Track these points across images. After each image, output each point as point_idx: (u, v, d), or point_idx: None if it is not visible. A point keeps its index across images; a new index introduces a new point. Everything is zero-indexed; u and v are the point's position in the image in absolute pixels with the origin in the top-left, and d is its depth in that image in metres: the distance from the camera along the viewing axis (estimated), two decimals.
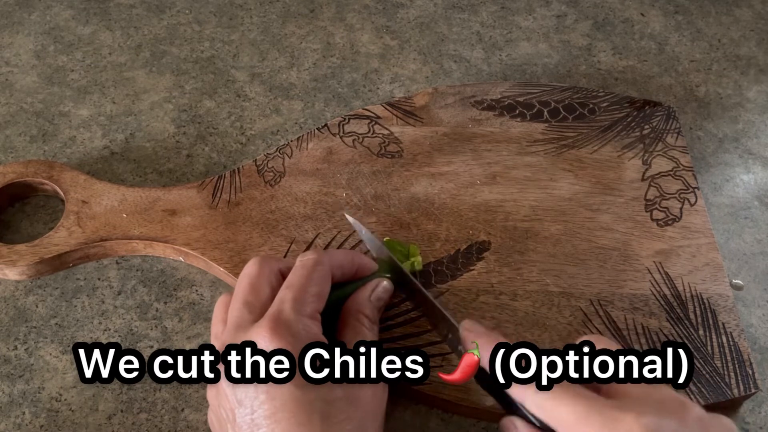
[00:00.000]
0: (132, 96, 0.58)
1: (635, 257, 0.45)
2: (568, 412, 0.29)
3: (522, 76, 0.61)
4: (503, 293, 0.43)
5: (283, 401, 0.31)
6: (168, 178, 0.52)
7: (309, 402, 0.31)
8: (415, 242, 0.46)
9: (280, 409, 0.31)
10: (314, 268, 0.36)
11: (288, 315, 0.33)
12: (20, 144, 0.54)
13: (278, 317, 0.33)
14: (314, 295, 0.35)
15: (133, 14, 0.65)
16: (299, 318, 0.33)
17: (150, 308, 0.45)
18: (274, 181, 0.49)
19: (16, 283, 0.46)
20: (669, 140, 0.52)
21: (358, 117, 0.53)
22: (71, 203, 0.47)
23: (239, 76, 0.60)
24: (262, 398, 0.31)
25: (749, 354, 0.41)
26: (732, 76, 0.61)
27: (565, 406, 0.29)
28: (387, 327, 0.42)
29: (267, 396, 0.31)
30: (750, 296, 0.47)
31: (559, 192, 0.49)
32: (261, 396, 0.31)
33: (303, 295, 0.34)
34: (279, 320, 0.33)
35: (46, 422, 0.40)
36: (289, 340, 0.32)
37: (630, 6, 0.68)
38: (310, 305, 0.34)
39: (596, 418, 0.28)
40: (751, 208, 0.52)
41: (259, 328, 0.33)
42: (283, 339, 0.32)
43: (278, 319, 0.33)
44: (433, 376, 0.39)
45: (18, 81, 0.58)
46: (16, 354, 0.43)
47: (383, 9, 0.66)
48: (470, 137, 0.52)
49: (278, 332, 0.32)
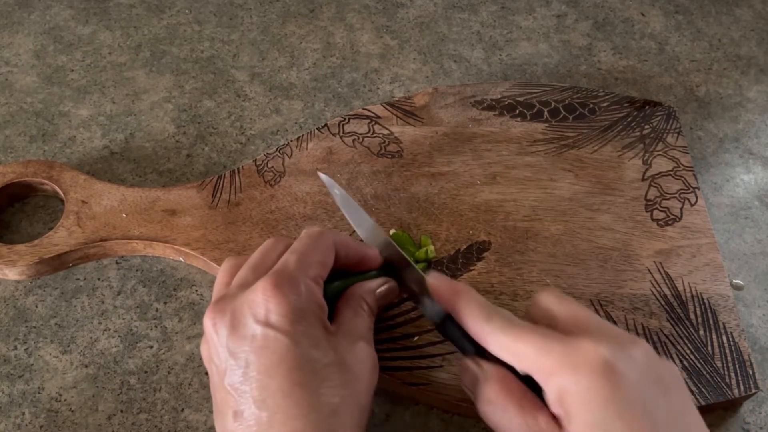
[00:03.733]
0: (132, 96, 0.58)
1: (635, 257, 0.45)
2: (527, 345, 0.30)
3: (522, 76, 0.61)
4: (503, 293, 0.43)
5: (281, 356, 0.30)
6: (168, 178, 0.52)
7: (307, 361, 0.31)
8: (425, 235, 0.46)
9: (276, 364, 0.30)
10: (319, 238, 0.36)
11: (292, 272, 0.33)
12: (20, 144, 0.54)
13: (282, 272, 0.33)
14: (318, 261, 0.35)
15: (132, 14, 0.65)
16: (303, 277, 0.33)
17: (150, 308, 0.45)
18: (274, 181, 0.49)
19: (16, 283, 0.46)
20: (669, 140, 0.52)
21: (358, 117, 0.53)
22: (71, 203, 0.47)
23: (239, 76, 0.60)
24: (259, 351, 0.31)
25: (749, 354, 0.41)
26: (732, 76, 0.61)
27: (525, 341, 0.30)
28: (387, 327, 0.42)
29: (263, 349, 0.31)
30: (750, 296, 0.47)
31: (559, 192, 0.49)
32: (257, 349, 0.31)
33: (307, 258, 0.34)
34: (282, 275, 0.32)
35: (46, 422, 0.40)
36: (291, 297, 0.32)
37: (630, 6, 0.68)
38: (313, 269, 0.34)
39: (555, 347, 0.29)
40: (751, 208, 0.52)
41: (262, 281, 0.32)
42: (285, 293, 0.32)
43: (282, 273, 0.33)
44: (433, 376, 0.39)
45: (18, 81, 0.58)
46: (16, 354, 0.43)
47: (383, 9, 0.66)
48: (470, 137, 0.52)
49: (281, 286, 0.32)
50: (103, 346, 0.43)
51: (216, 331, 0.32)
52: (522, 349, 0.30)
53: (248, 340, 0.31)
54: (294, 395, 0.30)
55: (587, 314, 0.32)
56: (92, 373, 0.42)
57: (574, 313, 0.32)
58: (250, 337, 0.31)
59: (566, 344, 0.29)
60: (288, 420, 0.30)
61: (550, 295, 0.33)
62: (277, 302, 0.31)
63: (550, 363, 0.29)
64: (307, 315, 0.32)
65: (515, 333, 0.31)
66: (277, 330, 0.31)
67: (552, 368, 0.29)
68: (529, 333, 0.31)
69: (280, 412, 0.30)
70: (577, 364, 0.28)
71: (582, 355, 0.28)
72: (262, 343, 0.31)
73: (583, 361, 0.28)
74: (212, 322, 0.32)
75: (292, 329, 0.31)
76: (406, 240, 0.45)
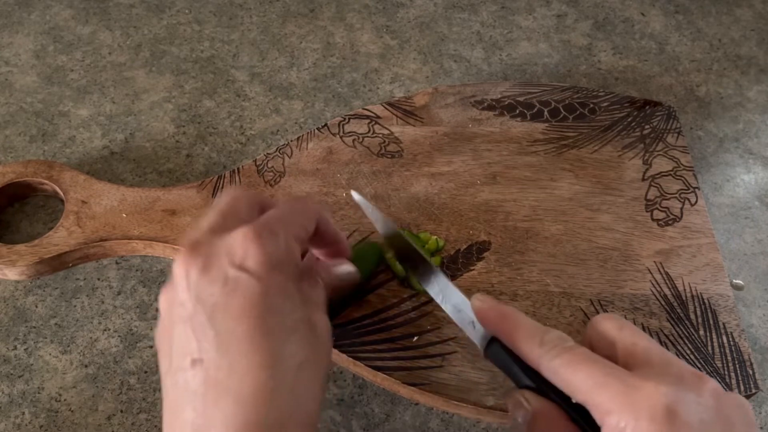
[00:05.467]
0: (132, 96, 0.58)
1: (636, 257, 0.45)
2: (585, 377, 0.28)
3: (522, 76, 0.61)
4: (504, 293, 0.43)
5: (252, 301, 0.29)
6: (168, 178, 0.52)
7: (278, 311, 0.30)
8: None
9: (246, 308, 0.29)
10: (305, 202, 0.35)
11: (273, 225, 0.32)
12: (20, 144, 0.54)
13: (264, 223, 0.32)
14: (300, 223, 0.34)
15: (132, 14, 0.65)
16: (283, 232, 0.32)
17: (150, 308, 0.45)
18: (274, 181, 0.49)
19: (16, 283, 0.46)
20: (669, 140, 0.52)
21: (358, 117, 0.53)
22: (71, 203, 0.47)
23: (239, 75, 0.59)
24: (229, 294, 0.29)
25: (750, 354, 0.41)
26: (732, 76, 0.61)
27: (582, 372, 0.28)
28: (387, 327, 0.42)
29: (234, 292, 0.29)
30: (750, 296, 0.47)
31: (559, 192, 0.49)
32: (228, 291, 0.29)
33: (290, 217, 0.33)
34: (264, 226, 0.31)
35: (46, 422, 0.40)
36: (270, 247, 0.30)
37: (630, 6, 0.68)
38: (295, 228, 0.33)
39: (615, 383, 0.28)
40: (751, 208, 0.52)
41: (243, 228, 0.31)
42: (264, 242, 0.30)
43: (264, 224, 0.31)
44: (433, 376, 0.39)
45: (18, 81, 0.58)
46: (16, 354, 0.43)
47: (383, 9, 0.66)
48: (470, 137, 0.52)
49: (261, 235, 0.31)
50: (103, 346, 0.43)
51: (186, 274, 0.30)
52: (578, 379, 0.28)
53: (219, 282, 0.30)
54: (261, 343, 0.29)
55: (649, 345, 0.30)
56: (92, 373, 0.42)
57: (635, 343, 0.30)
58: (222, 279, 0.30)
59: (626, 383, 0.27)
60: (251, 369, 0.28)
61: (610, 320, 0.31)
62: (255, 248, 0.30)
63: (608, 400, 0.27)
64: (283, 267, 0.31)
65: (571, 360, 0.29)
66: (251, 275, 0.30)
67: (610, 407, 0.27)
68: (586, 362, 0.29)
69: (243, 359, 0.28)
70: (637, 407, 0.27)
71: (643, 397, 0.27)
72: (233, 286, 0.29)
73: (644, 404, 0.27)
74: (184, 266, 0.30)
75: (267, 276, 0.30)
76: (410, 236, 0.45)
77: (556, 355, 0.30)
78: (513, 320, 0.32)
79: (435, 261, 0.44)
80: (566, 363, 0.29)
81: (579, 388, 0.29)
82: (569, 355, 0.29)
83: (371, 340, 0.41)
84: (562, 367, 0.29)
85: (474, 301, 0.34)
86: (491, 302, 0.34)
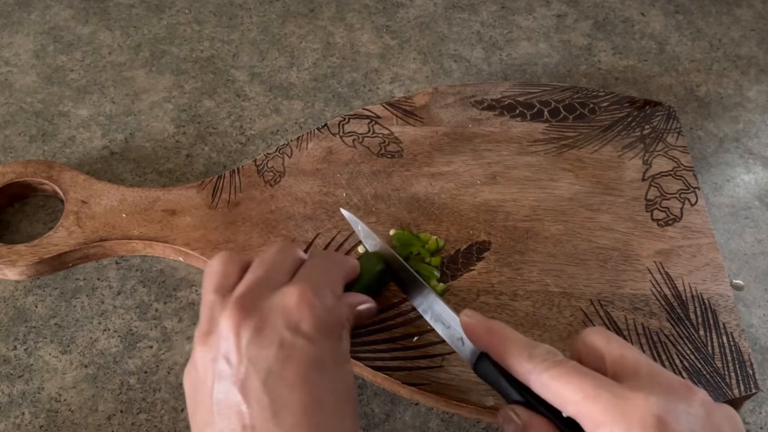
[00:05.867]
0: (132, 96, 0.58)
1: (636, 257, 0.45)
2: (575, 390, 0.28)
3: (522, 76, 0.61)
4: (503, 293, 0.43)
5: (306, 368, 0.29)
6: (168, 178, 0.52)
7: (330, 379, 0.30)
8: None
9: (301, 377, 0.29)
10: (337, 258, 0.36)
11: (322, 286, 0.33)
12: (20, 144, 0.54)
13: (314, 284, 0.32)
14: (338, 280, 0.35)
15: (132, 14, 0.65)
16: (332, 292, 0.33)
17: (150, 308, 0.45)
18: (273, 181, 0.49)
19: (16, 283, 0.46)
20: (669, 140, 0.52)
21: (358, 117, 0.53)
22: (71, 203, 0.47)
23: (239, 75, 0.59)
24: (285, 360, 0.29)
25: (750, 354, 0.41)
26: (732, 76, 0.61)
27: (572, 385, 0.28)
28: (387, 327, 0.42)
29: (290, 359, 0.29)
30: (750, 296, 0.47)
31: (559, 192, 0.49)
32: (284, 357, 0.29)
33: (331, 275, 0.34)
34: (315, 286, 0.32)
35: (46, 422, 0.40)
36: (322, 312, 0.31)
37: (630, 6, 0.68)
38: (337, 286, 0.34)
39: (605, 395, 0.28)
40: (751, 208, 0.52)
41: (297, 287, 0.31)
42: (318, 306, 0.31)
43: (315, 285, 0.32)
44: (433, 376, 0.39)
45: (17, 81, 0.58)
46: (16, 354, 0.43)
47: (383, 9, 0.66)
48: (470, 137, 0.52)
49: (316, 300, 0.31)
50: (103, 346, 0.43)
51: (237, 332, 0.30)
52: (568, 392, 0.29)
53: (275, 346, 0.29)
54: (315, 415, 0.29)
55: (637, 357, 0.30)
56: (92, 373, 0.42)
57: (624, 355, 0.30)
58: (278, 343, 0.29)
59: (616, 394, 0.27)
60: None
61: (598, 333, 0.31)
62: (310, 311, 0.30)
63: (598, 412, 0.28)
64: (333, 329, 0.32)
65: (560, 373, 0.29)
66: (306, 339, 0.30)
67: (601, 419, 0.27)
68: (575, 375, 0.29)
69: (297, 431, 0.28)
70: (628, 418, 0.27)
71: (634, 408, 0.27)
72: (289, 351, 0.29)
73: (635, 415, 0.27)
74: (234, 322, 0.30)
75: (321, 341, 0.30)
76: (409, 237, 0.45)
77: (546, 369, 0.29)
78: (501, 335, 0.32)
79: (435, 261, 0.44)
80: (556, 376, 0.29)
81: (569, 401, 0.29)
82: (559, 368, 0.29)
83: (371, 340, 0.41)
84: (552, 381, 0.29)
85: (462, 316, 0.34)
86: (479, 317, 0.34)
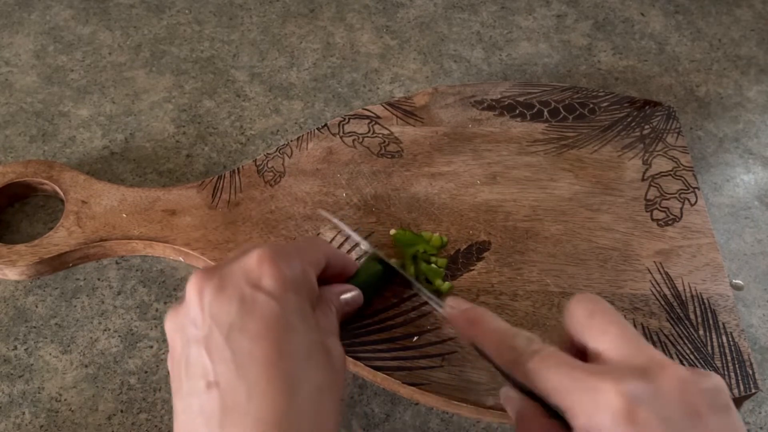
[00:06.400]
0: (132, 96, 0.58)
1: (635, 257, 0.45)
2: (551, 379, 0.29)
3: (522, 76, 0.61)
4: (503, 293, 0.43)
5: (269, 322, 0.29)
6: (168, 178, 0.52)
7: (296, 332, 0.29)
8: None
9: (264, 329, 0.28)
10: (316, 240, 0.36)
11: (289, 251, 0.32)
12: (20, 144, 0.54)
13: (279, 248, 0.32)
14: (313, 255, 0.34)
15: (132, 14, 0.65)
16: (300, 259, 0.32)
17: (150, 308, 0.45)
18: (274, 181, 0.49)
19: (16, 283, 0.46)
20: (669, 140, 0.52)
21: (358, 117, 0.53)
22: (71, 203, 0.47)
23: (239, 76, 0.60)
24: (246, 314, 0.29)
25: (749, 354, 0.41)
26: (732, 76, 0.61)
27: (551, 376, 0.29)
28: (387, 327, 0.42)
29: (252, 313, 0.29)
30: (750, 296, 0.47)
31: (559, 192, 0.49)
32: (245, 311, 0.29)
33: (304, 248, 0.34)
34: (280, 250, 0.31)
35: (46, 422, 0.40)
36: (285, 268, 0.31)
37: (630, 6, 0.68)
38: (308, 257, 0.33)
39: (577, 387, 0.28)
40: (751, 208, 0.52)
41: (259, 249, 0.31)
42: (279, 264, 0.30)
43: (279, 249, 0.31)
44: (433, 375, 0.39)
45: (18, 81, 0.58)
46: (16, 354, 0.43)
47: (383, 9, 0.66)
48: (470, 137, 0.52)
49: (278, 257, 0.31)
50: (103, 346, 0.43)
51: (200, 294, 0.30)
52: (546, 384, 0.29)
53: (236, 302, 0.29)
54: (280, 365, 0.28)
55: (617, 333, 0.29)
56: (92, 373, 0.42)
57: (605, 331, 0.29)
58: (239, 298, 0.29)
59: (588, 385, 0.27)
60: (270, 393, 0.27)
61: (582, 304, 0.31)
62: (271, 268, 0.30)
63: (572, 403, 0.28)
64: (299, 289, 0.31)
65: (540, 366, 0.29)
66: (268, 294, 0.29)
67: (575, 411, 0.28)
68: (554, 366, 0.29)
69: (262, 382, 0.28)
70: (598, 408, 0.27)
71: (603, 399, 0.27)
72: (250, 305, 0.29)
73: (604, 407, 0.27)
74: (197, 285, 0.30)
75: (284, 296, 0.30)
76: (410, 236, 0.45)
77: (526, 361, 0.30)
78: (481, 326, 0.32)
79: (441, 263, 0.44)
80: (537, 369, 0.29)
81: (549, 393, 0.29)
82: (537, 359, 0.29)
83: (371, 340, 0.41)
84: (532, 373, 0.29)
85: (446, 307, 0.34)
86: (461, 307, 0.34)
